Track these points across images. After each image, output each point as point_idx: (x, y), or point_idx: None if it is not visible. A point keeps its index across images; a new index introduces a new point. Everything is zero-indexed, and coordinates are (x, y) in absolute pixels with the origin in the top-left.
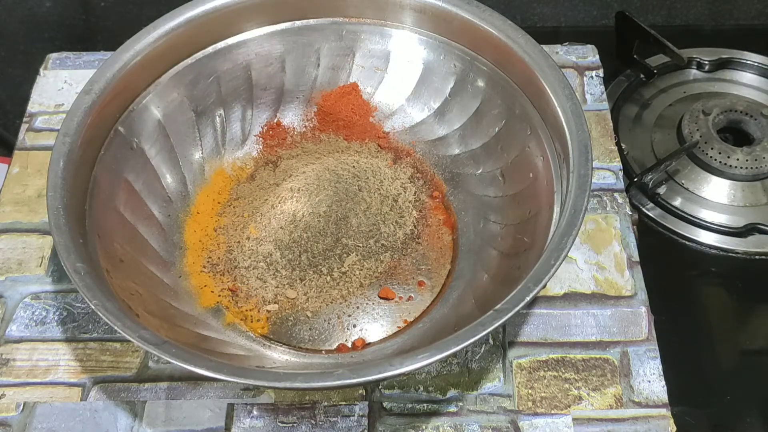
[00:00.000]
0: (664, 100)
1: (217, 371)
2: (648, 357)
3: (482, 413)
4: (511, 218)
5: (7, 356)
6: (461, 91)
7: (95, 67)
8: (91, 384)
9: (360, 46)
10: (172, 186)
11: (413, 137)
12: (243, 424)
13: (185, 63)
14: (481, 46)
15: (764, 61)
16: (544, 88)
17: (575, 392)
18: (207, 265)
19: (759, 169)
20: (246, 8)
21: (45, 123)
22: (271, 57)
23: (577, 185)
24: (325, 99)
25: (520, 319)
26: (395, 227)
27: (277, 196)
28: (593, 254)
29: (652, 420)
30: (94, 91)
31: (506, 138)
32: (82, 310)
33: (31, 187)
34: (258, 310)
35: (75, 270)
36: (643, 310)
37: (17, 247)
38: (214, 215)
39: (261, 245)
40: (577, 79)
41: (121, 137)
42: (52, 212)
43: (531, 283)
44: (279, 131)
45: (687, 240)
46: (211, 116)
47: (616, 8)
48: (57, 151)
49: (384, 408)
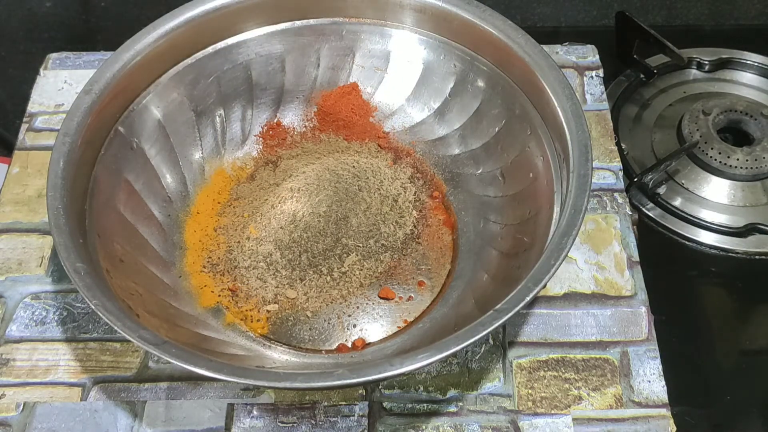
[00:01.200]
0: (664, 100)
1: (217, 371)
2: (648, 357)
3: (482, 413)
4: (511, 218)
5: (7, 356)
6: (461, 91)
7: (95, 67)
8: (91, 384)
9: (360, 46)
10: (172, 186)
11: (413, 137)
12: (243, 424)
13: (185, 63)
14: (481, 46)
15: (764, 61)
16: (544, 88)
17: (575, 392)
18: (207, 265)
19: (759, 169)
20: (246, 8)
21: (45, 123)
22: (271, 57)
23: (577, 185)
24: (325, 99)
25: (520, 319)
26: (395, 227)
27: (277, 196)
28: (593, 254)
29: (652, 420)
30: (94, 91)
31: (506, 138)
32: (82, 310)
33: (31, 187)
34: (258, 310)
35: (75, 270)
36: (643, 310)
37: (17, 247)
38: (214, 215)
39: (261, 245)
40: (577, 79)
41: (121, 137)
42: (52, 212)
43: (531, 283)
44: (279, 131)
45: (687, 240)
46: (211, 116)
47: (616, 8)
48: (57, 151)
49: (384, 408)
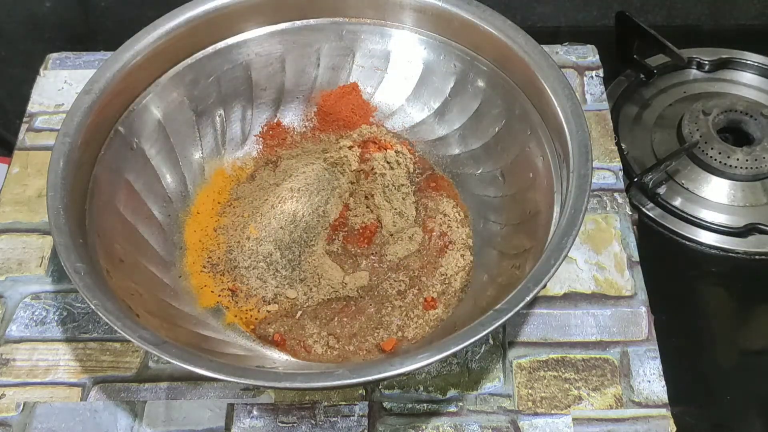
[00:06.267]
0: (664, 100)
1: (217, 371)
2: (648, 357)
3: (482, 413)
4: (511, 218)
5: (7, 356)
6: (461, 91)
7: (95, 67)
8: (91, 384)
9: (360, 46)
10: (172, 186)
11: (413, 137)
12: (243, 424)
13: (185, 63)
14: (481, 46)
15: (764, 61)
16: (544, 88)
17: (575, 392)
18: (207, 265)
19: (759, 169)
20: (246, 8)
21: (45, 123)
22: (271, 57)
23: (577, 185)
24: (325, 99)
25: (520, 319)
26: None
27: (277, 196)
28: (593, 254)
29: (652, 420)
30: (94, 91)
31: (506, 138)
32: (82, 310)
33: (31, 187)
34: (258, 310)
35: (75, 270)
36: (643, 310)
37: (17, 247)
38: (214, 215)
39: (261, 245)
40: (577, 79)
41: (121, 137)
42: (52, 212)
43: (531, 283)
44: (279, 131)
45: (687, 240)
46: (211, 116)
47: (616, 8)
48: (57, 151)
49: (384, 408)
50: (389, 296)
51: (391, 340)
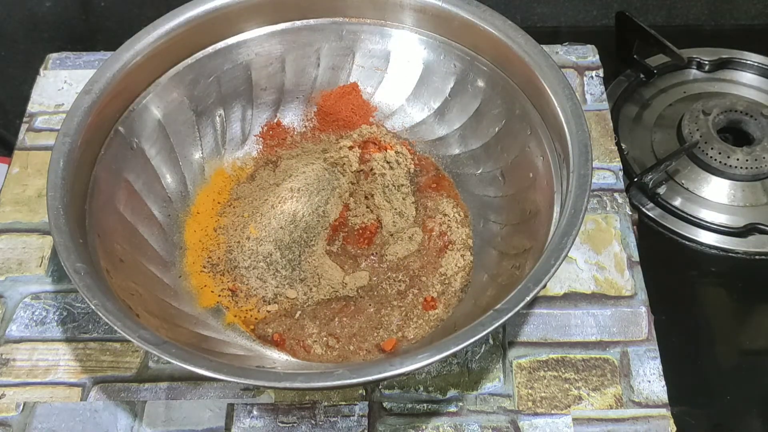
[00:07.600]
0: (664, 100)
1: (217, 371)
2: (648, 357)
3: (482, 413)
4: (511, 218)
5: (7, 356)
6: (461, 91)
7: (95, 67)
8: (91, 384)
9: (360, 46)
10: (172, 186)
11: (413, 137)
12: (243, 424)
13: (185, 63)
14: (481, 46)
15: (764, 61)
16: (544, 88)
17: (575, 392)
18: (207, 265)
19: (759, 169)
20: (246, 8)
21: (45, 123)
22: (271, 57)
23: (577, 185)
24: (325, 99)
25: (520, 319)
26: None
27: (277, 196)
28: (593, 254)
29: (652, 420)
30: (94, 91)
31: (506, 138)
32: (82, 310)
33: (31, 187)
34: (258, 310)
35: (75, 270)
36: (643, 310)
37: (17, 247)
38: (214, 215)
39: (261, 245)
40: (577, 79)
41: (121, 137)
42: (52, 212)
43: (531, 283)
44: (279, 131)
45: (687, 240)
46: (211, 116)
47: (616, 8)
48: (57, 151)
49: (384, 408)
50: (389, 296)
51: (391, 340)
